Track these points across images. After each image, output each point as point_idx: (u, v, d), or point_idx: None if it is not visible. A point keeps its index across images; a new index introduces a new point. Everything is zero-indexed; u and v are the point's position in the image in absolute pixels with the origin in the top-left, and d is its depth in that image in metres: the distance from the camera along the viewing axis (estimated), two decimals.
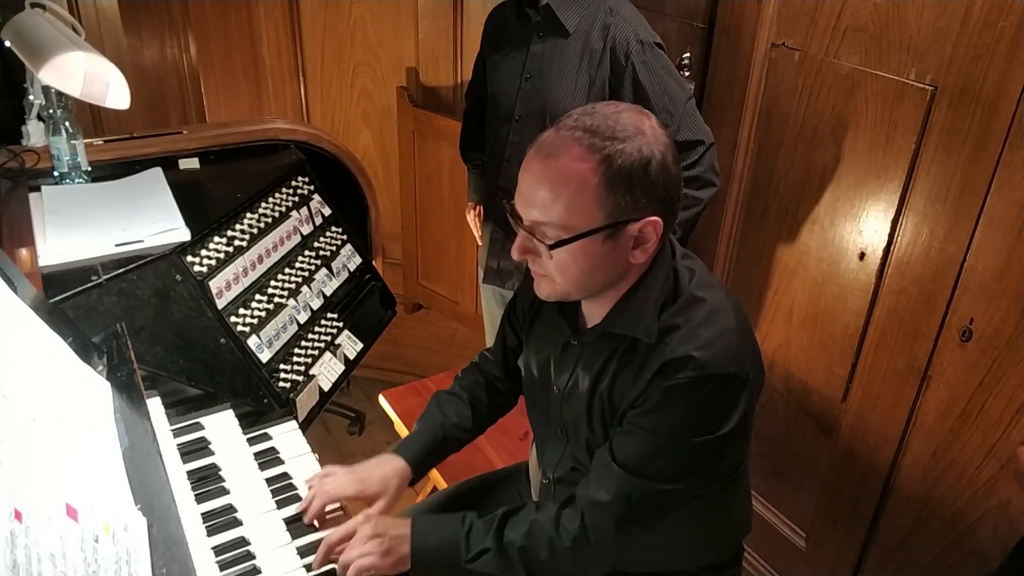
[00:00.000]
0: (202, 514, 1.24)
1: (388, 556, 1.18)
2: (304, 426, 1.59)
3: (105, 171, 1.88)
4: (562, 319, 1.21)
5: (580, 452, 1.26)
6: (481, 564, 1.19)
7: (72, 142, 1.78)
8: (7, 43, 1.67)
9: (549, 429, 1.32)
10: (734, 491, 1.29)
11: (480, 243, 2.22)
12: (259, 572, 1.17)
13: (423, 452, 1.37)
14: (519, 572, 1.18)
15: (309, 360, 1.74)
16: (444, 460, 1.44)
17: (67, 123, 1.75)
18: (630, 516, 1.13)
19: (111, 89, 1.48)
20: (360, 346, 1.93)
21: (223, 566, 1.16)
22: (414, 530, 1.21)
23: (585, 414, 1.21)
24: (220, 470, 1.34)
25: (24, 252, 1.51)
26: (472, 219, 2.27)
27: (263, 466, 1.38)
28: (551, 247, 1.03)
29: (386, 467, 1.33)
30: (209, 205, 1.81)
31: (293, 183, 2.00)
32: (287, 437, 1.47)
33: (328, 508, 1.29)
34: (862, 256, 1.74)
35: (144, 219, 1.65)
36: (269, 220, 1.84)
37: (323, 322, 1.86)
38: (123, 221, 1.64)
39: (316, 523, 1.26)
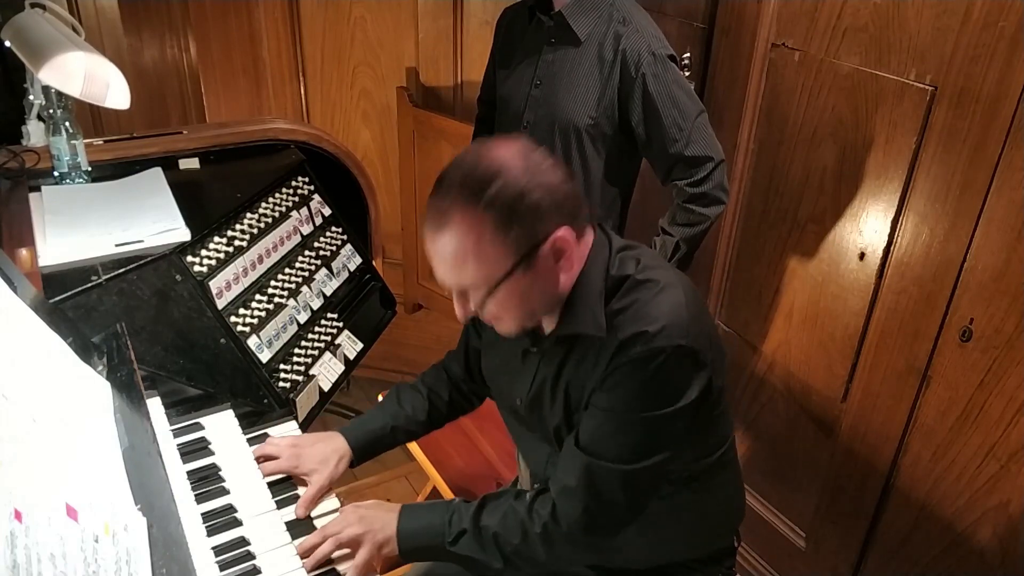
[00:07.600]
0: (202, 514, 1.24)
1: (374, 536, 1.19)
2: (304, 426, 1.59)
3: (105, 171, 1.87)
4: None
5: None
6: (460, 547, 1.19)
7: (72, 142, 1.78)
8: (7, 43, 1.67)
9: (529, 435, 1.33)
10: (722, 478, 1.29)
11: None
12: (259, 572, 1.17)
13: (369, 438, 1.40)
14: (494, 557, 1.18)
15: (309, 360, 1.74)
16: (438, 461, 1.43)
17: (67, 123, 1.75)
18: (597, 501, 1.13)
19: (111, 89, 1.48)
20: (360, 346, 1.93)
21: (223, 566, 1.16)
22: (402, 512, 1.23)
23: (558, 415, 1.22)
24: (220, 470, 1.34)
25: (24, 252, 1.51)
26: None
27: None
28: (481, 305, 1.09)
29: (327, 445, 1.36)
30: (209, 205, 1.81)
31: (293, 183, 2.00)
32: None
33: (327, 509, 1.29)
34: (862, 256, 1.74)
35: (144, 219, 1.64)
36: (269, 220, 1.84)
37: (323, 322, 1.86)
38: (123, 221, 1.64)
39: (311, 515, 1.27)
